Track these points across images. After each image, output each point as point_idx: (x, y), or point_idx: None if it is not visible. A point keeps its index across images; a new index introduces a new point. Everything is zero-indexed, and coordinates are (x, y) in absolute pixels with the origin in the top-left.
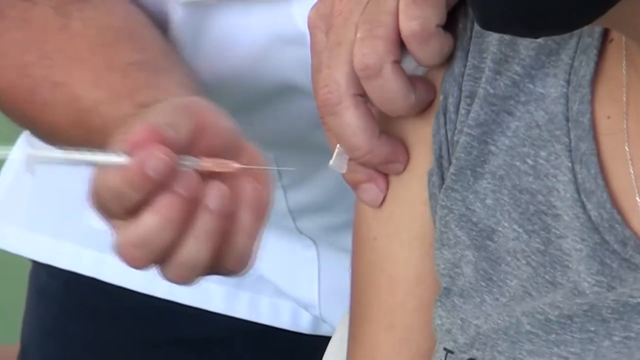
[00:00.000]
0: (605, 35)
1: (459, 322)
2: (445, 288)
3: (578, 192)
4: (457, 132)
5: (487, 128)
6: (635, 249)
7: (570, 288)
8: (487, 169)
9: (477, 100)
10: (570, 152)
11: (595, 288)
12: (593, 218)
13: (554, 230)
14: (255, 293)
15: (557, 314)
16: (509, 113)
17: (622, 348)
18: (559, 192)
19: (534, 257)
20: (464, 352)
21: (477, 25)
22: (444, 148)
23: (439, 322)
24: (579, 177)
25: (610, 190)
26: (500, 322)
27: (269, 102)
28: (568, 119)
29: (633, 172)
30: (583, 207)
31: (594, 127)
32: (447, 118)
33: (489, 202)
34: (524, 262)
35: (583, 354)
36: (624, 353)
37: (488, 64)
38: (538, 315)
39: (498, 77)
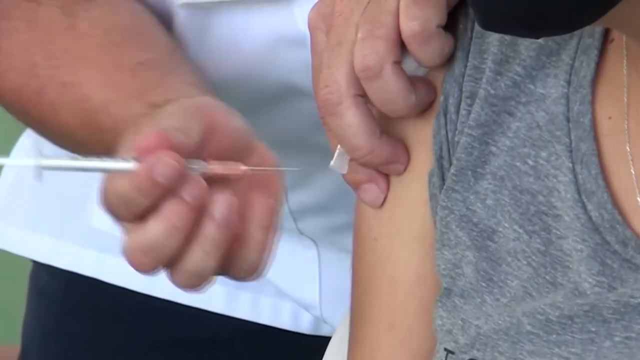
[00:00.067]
0: (606, 36)
1: (460, 322)
2: (446, 288)
3: (579, 192)
4: (457, 132)
5: (487, 129)
6: (636, 250)
7: (571, 289)
8: (487, 170)
9: (477, 101)
10: (571, 152)
11: (596, 289)
12: (594, 219)
13: (555, 231)
14: (256, 293)
15: (557, 315)
16: (510, 114)
17: (623, 348)
18: (560, 192)
19: (535, 257)
20: (465, 352)
21: (477, 26)
22: (445, 149)
23: (440, 322)
24: (580, 177)
25: (611, 191)
26: (501, 322)
27: (271, 103)
28: (569, 120)
29: (634, 172)
30: (584, 207)
31: (595, 127)
32: (447, 119)
33: (490, 202)
34: (525, 262)
35: (584, 355)
36: (625, 353)
37: (489, 65)
38: (539, 316)
39: (499, 77)
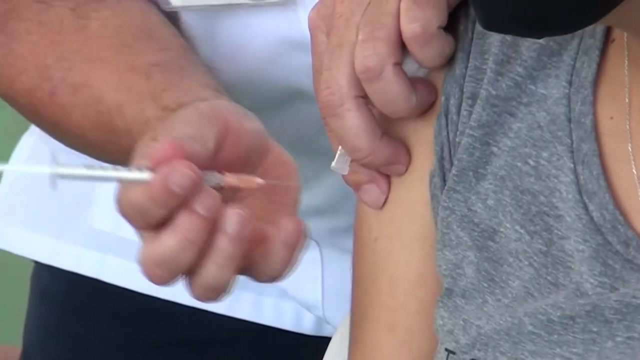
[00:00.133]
0: (607, 36)
1: (461, 322)
2: (447, 289)
3: (580, 193)
4: (458, 133)
5: (489, 129)
6: (638, 250)
7: (573, 289)
8: (489, 170)
9: (479, 102)
10: (572, 153)
11: (598, 289)
12: (595, 219)
13: (556, 231)
14: (258, 294)
15: (559, 315)
16: (511, 114)
17: (625, 349)
18: (561, 193)
19: (536, 258)
20: (466, 352)
21: (478, 27)
22: (446, 149)
23: (441, 322)
24: (581, 178)
25: (613, 191)
26: (502, 322)
27: (276, 106)
28: (570, 120)
29: (636, 172)
30: (585, 208)
31: (596, 127)
32: (448, 119)
33: (491, 203)
34: (526, 263)
35: (586, 355)
36: (627, 354)
37: (490, 65)
38: (540, 316)
39: (500, 78)
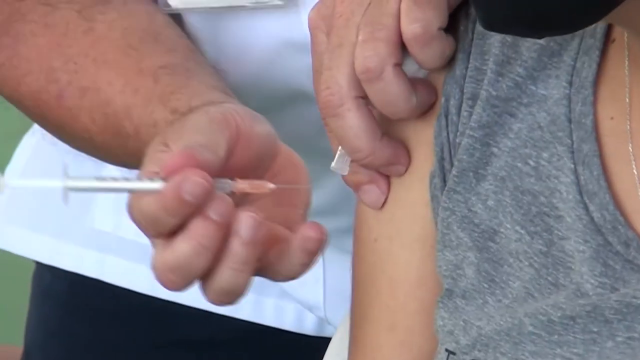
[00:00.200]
0: (608, 36)
1: (461, 323)
2: (447, 289)
3: (580, 193)
4: (459, 134)
5: (489, 130)
6: (638, 250)
7: (573, 289)
8: (489, 171)
9: (479, 102)
10: (573, 153)
11: (599, 289)
12: (596, 219)
13: (557, 232)
14: (260, 295)
15: (559, 315)
16: (511, 115)
17: (625, 349)
18: (562, 193)
19: (537, 258)
20: (466, 353)
21: (478, 27)
22: (446, 150)
23: (441, 323)
24: (582, 178)
25: (613, 192)
26: (503, 323)
27: (277, 108)
28: (570, 121)
29: (636, 173)
30: (586, 208)
31: (597, 128)
32: (448, 120)
33: (491, 203)
34: (527, 263)
35: (586, 355)
36: (628, 354)
37: (490, 66)
38: (540, 317)
39: (500, 78)
